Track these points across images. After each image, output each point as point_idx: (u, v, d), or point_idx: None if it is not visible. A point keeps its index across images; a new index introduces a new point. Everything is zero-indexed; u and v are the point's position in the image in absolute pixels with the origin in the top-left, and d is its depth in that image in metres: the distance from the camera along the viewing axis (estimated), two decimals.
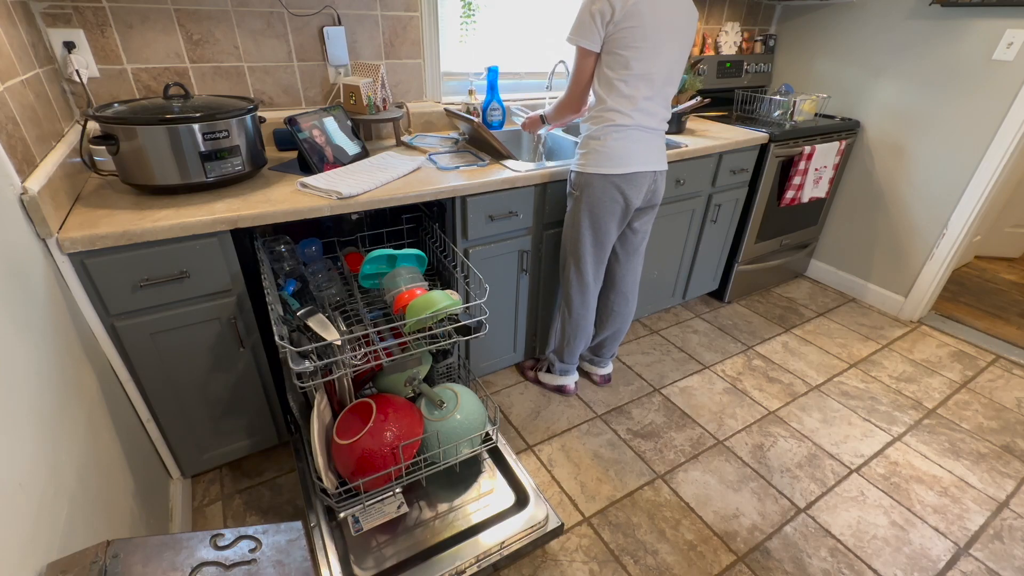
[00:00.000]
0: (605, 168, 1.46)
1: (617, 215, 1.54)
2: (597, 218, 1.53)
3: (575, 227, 1.58)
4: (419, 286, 1.26)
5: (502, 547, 1.22)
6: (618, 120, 1.43)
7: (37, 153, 1.10)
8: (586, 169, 1.48)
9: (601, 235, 1.57)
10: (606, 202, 1.50)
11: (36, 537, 0.69)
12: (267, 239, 1.43)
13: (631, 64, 1.36)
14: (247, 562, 0.68)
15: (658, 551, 1.40)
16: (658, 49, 1.37)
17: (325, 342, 1.09)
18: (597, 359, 1.95)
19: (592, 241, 1.58)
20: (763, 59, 2.68)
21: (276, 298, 1.18)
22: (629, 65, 1.36)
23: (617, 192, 1.49)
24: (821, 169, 2.30)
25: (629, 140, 1.45)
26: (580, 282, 1.67)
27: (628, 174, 1.47)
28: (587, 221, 1.54)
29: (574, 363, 1.89)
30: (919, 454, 1.74)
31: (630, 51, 1.34)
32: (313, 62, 1.69)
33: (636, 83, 1.39)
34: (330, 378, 1.20)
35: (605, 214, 1.52)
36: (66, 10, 1.33)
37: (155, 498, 1.27)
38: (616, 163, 1.46)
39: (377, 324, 1.37)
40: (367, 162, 1.55)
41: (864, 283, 2.68)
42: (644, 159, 1.49)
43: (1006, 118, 2.03)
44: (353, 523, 1.19)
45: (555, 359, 1.89)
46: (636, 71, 1.37)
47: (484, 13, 2.01)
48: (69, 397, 0.94)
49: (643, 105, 1.42)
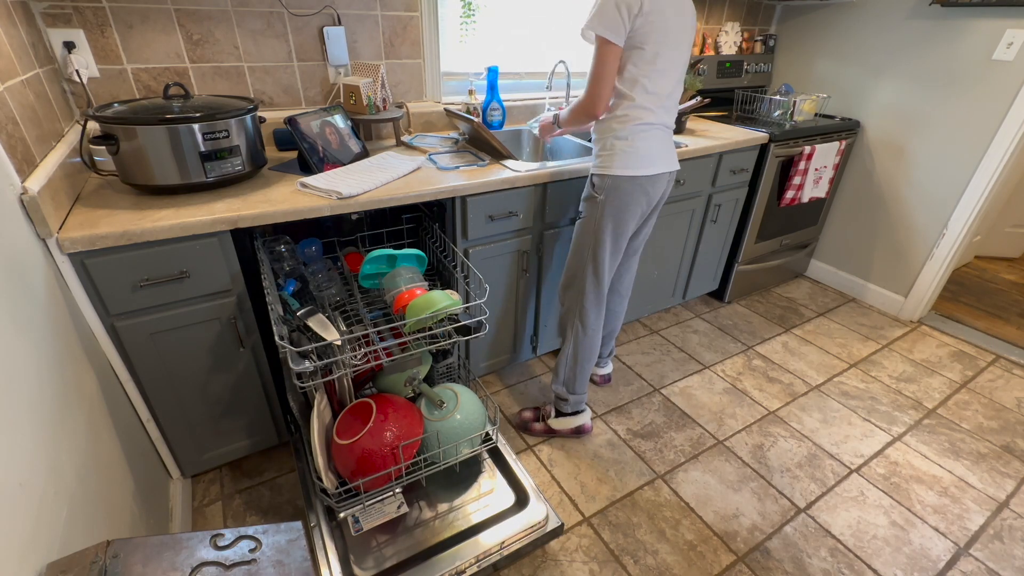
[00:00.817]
0: (633, 169, 1.39)
1: (638, 217, 1.48)
2: (621, 221, 1.46)
3: (596, 233, 1.47)
4: (419, 286, 1.26)
5: (502, 547, 1.22)
6: (645, 118, 1.37)
7: (37, 153, 1.10)
8: (612, 171, 1.39)
9: (621, 239, 1.50)
10: (632, 206, 1.44)
11: (36, 537, 0.69)
12: (267, 239, 1.42)
13: (658, 60, 1.30)
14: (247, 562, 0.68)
15: (658, 551, 1.40)
16: (679, 44, 1.34)
17: (325, 342, 1.09)
18: (597, 360, 1.95)
19: (612, 247, 1.50)
20: (763, 59, 2.68)
21: (276, 298, 1.18)
22: (656, 60, 1.30)
23: (642, 194, 1.43)
24: (821, 169, 2.30)
25: (655, 139, 1.41)
26: (597, 292, 1.55)
27: (655, 175, 1.42)
28: (610, 226, 1.45)
29: (585, 392, 1.71)
30: (919, 454, 1.74)
31: (658, 45, 1.29)
32: (313, 62, 1.69)
33: (659, 79, 1.35)
34: (330, 378, 1.19)
35: (629, 217, 1.46)
36: (66, 10, 1.33)
37: (155, 498, 1.27)
38: (645, 164, 1.40)
39: (377, 324, 1.37)
40: (367, 162, 1.55)
41: (864, 283, 2.68)
42: (667, 158, 1.45)
43: (1006, 118, 2.03)
44: (353, 523, 1.19)
45: (565, 392, 1.68)
46: (661, 67, 1.32)
47: (484, 13, 2.01)
48: (69, 397, 0.94)
49: (667, 103, 1.39)
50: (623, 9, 1.23)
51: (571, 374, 1.65)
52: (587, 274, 1.53)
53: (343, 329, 1.24)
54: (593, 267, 1.52)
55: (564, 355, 1.66)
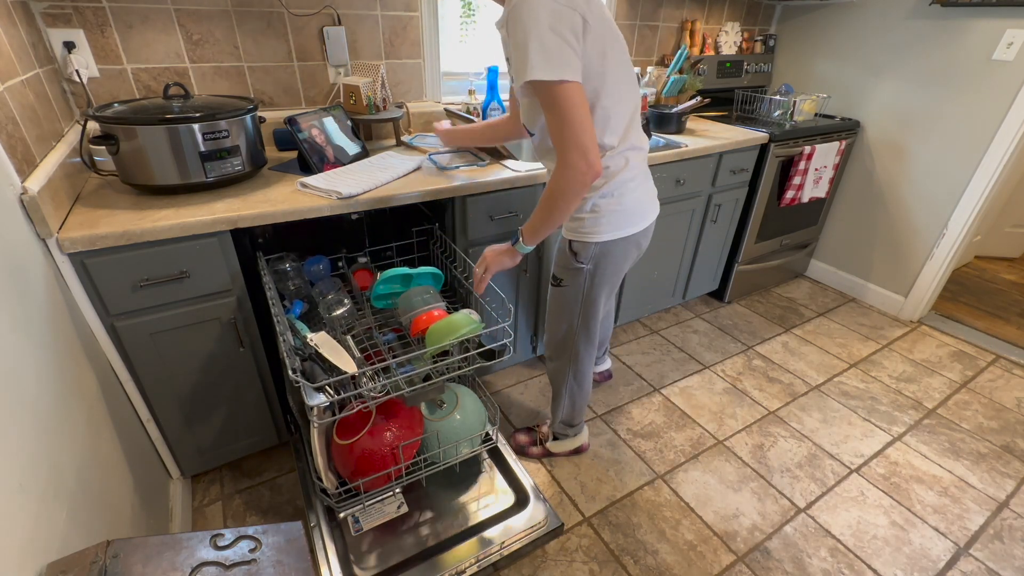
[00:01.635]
0: (625, 230, 1.18)
1: (629, 266, 1.32)
2: (614, 283, 1.30)
3: (586, 304, 1.30)
4: (437, 307, 1.19)
5: (502, 547, 1.22)
6: (633, 160, 1.14)
7: (37, 153, 1.10)
8: (601, 237, 1.18)
9: (613, 294, 1.36)
10: (624, 264, 1.27)
11: (36, 537, 0.69)
12: (271, 257, 1.37)
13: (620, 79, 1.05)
14: (247, 562, 0.68)
15: (658, 551, 1.40)
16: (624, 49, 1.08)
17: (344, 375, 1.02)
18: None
19: (605, 306, 1.37)
20: (763, 59, 2.68)
21: (286, 325, 1.11)
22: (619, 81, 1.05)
23: (635, 248, 1.26)
24: (821, 169, 2.30)
25: (644, 187, 1.21)
26: (589, 346, 1.40)
27: (648, 226, 1.24)
28: (606, 289, 1.29)
29: (584, 418, 1.63)
30: (919, 454, 1.74)
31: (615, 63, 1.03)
32: (313, 62, 1.69)
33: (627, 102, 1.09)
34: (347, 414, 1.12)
35: (621, 273, 1.30)
36: (66, 10, 1.33)
37: (155, 498, 1.27)
38: (637, 220, 1.20)
39: (393, 350, 1.28)
40: (367, 162, 1.55)
41: (864, 283, 2.68)
42: (655, 198, 1.27)
43: (1006, 118, 2.03)
44: (353, 523, 1.19)
45: (565, 428, 1.60)
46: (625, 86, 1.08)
47: (484, 13, 2.01)
48: (69, 397, 0.94)
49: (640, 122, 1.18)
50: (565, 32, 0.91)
51: (570, 413, 1.55)
52: (579, 340, 1.37)
53: (358, 356, 1.12)
54: (585, 333, 1.36)
55: (560, 405, 1.54)
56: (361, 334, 1.33)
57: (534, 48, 0.91)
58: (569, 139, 0.96)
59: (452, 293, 1.55)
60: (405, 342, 1.33)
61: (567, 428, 1.60)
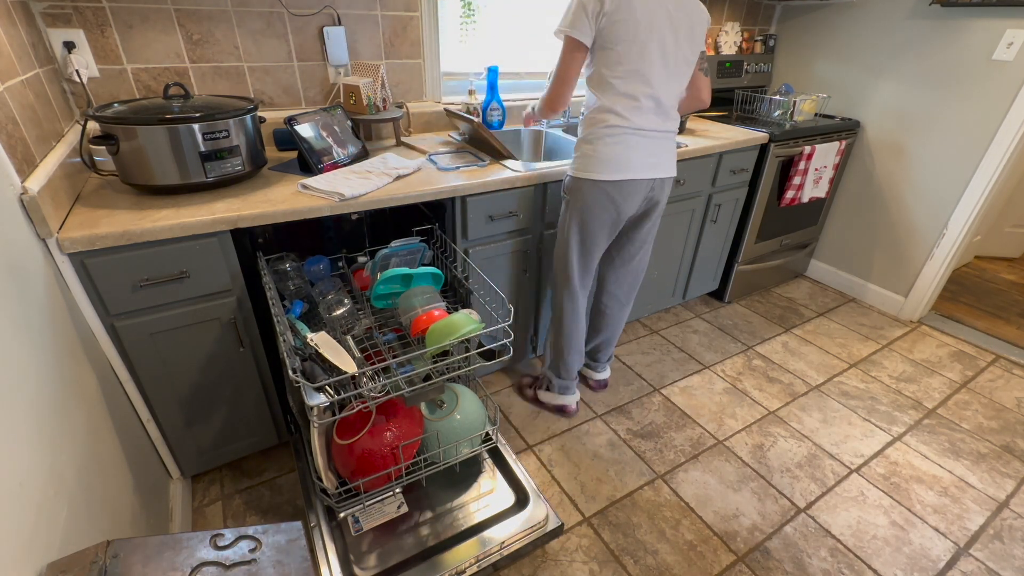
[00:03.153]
0: (596, 174, 1.39)
1: (607, 224, 1.47)
2: (586, 225, 1.47)
3: (564, 232, 1.52)
4: (437, 307, 1.20)
5: (502, 547, 1.22)
6: (611, 121, 1.35)
7: (37, 153, 1.10)
8: (577, 174, 1.42)
9: (589, 244, 1.50)
10: (596, 210, 1.43)
11: (36, 537, 0.69)
12: (271, 258, 1.37)
13: (624, 60, 1.30)
14: (247, 562, 0.68)
15: (658, 551, 1.40)
16: (651, 44, 1.30)
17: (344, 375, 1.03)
18: (593, 364, 1.93)
19: (579, 249, 1.52)
20: (763, 59, 2.68)
21: (286, 325, 1.12)
22: (622, 61, 1.30)
23: (608, 200, 1.42)
24: (821, 169, 2.30)
25: (624, 145, 1.37)
26: (568, 290, 1.60)
27: (620, 181, 1.39)
28: (576, 228, 1.48)
29: (573, 379, 1.79)
30: (919, 454, 1.74)
31: (623, 45, 1.28)
32: (313, 62, 1.69)
33: (632, 81, 1.32)
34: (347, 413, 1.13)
35: (594, 222, 1.46)
36: (66, 10, 1.33)
37: (155, 498, 1.27)
38: (608, 169, 1.38)
39: (393, 350, 1.31)
40: (367, 162, 1.55)
41: (864, 283, 2.68)
42: (640, 165, 1.40)
43: (1006, 118, 2.03)
44: (353, 523, 1.19)
45: (552, 375, 1.79)
46: (630, 67, 1.31)
47: (484, 13, 2.01)
48: (69, 397, 0.94)
49: (644, 104, 1.35)
50: (587, 9, 1.26)
51: (555, 360, 1.76)
52: (558, 270, 1.61)
53: (358, 356, 1.15)
54: (562, 266, 1.57)
55: (548, 341, 1.78)
56: (361, 334, 1.33)
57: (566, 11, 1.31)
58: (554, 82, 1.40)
59: (452, 293, 1.55)
60: (405, 342, 1.34)
61: (553, 378, 1.79)
